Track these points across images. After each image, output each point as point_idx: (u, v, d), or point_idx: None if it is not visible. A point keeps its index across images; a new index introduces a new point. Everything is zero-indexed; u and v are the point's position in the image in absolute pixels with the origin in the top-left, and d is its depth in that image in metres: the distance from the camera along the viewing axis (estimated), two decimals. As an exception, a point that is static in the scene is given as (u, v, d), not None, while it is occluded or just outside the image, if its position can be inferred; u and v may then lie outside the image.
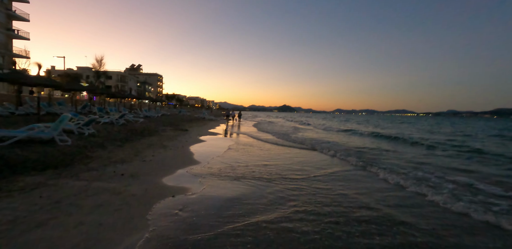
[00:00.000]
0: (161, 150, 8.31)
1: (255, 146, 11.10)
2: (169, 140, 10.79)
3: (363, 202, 4.44)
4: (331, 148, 10.60)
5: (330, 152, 9.84)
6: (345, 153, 9.45)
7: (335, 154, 9.41)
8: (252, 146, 10.88)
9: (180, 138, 11.82)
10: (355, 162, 8.00)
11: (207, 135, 14.28)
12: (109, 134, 9.88)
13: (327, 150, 10.26)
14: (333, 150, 10.14)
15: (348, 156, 8.96)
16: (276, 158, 8.41)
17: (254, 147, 10.61)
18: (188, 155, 7.99)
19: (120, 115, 13.88)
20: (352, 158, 8.49)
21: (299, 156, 9.07)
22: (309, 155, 9.34)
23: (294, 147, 11.25)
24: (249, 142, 12.27)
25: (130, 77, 78.71)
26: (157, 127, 15.37)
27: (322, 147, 10.94)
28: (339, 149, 10.74)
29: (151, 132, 12.44)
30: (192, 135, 13.28)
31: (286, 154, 9.33)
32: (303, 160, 8.26)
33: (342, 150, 10.31)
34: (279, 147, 11.06)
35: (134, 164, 6.18)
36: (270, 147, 11.04)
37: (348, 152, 9.86)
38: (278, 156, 8.75)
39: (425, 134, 22.11)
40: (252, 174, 6.05)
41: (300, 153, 9.70)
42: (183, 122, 22.15)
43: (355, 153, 10.00)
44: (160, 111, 33.03)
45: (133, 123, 15.93)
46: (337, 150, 10.24)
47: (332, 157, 9.13)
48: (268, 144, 12.04)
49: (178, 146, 9.48)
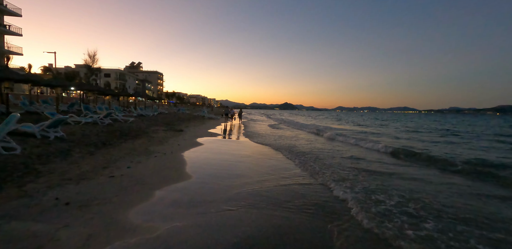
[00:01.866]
0: (143, 158, 6.54)
1: (265, 154, 9.32)
2: (157, 143, 9.03)
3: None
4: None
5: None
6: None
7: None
8: (263, 154, 9.10)
9: (172, 140, 10.05)
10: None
11: (205, 136, 12.51)
12: (83, 138, 8.14)
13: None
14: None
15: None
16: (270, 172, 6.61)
17: (264, 156, 8.83)
18: (177, 165, 6.22)
19: (105, 114, 12.14)
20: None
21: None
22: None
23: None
24: (254, 146, 10.49)
25: (129, 75, 77.05)
26: (149, 127, 13.62)
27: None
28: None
29: (139, 134, 10.69)
30: (187, 137, 11.51)
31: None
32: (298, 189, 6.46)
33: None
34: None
35: (94, 183, 4.42)
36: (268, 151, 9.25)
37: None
38: (273, 171, 6.95)
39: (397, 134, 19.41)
40: (266, 199, 4.27)
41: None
42: (180, 121, 20.39)
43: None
44: (157, 110, 31.32)
45: (123, 122, 14.21)
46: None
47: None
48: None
49: (167, 151, 7.70)
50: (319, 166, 6.76)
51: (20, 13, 36.49)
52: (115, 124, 12.78)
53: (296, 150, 9.32)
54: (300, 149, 9.70)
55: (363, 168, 6.75)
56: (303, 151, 9.12)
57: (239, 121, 25.13)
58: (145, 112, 22.45)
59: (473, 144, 13.56)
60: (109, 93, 20.78)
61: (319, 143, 12.09)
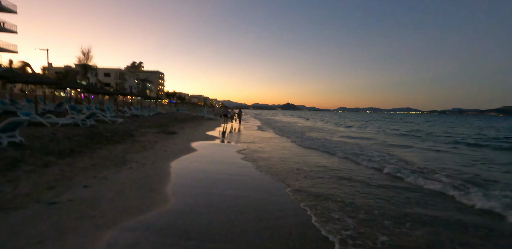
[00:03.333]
0: (113, 172, 5.13)
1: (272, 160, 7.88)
2: (140, 149, 7.61)
3: None
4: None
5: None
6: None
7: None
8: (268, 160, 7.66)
9: (160, 145, 8.63)
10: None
11: (200, 140, 11.08)
12: (50, 143, 6.74)
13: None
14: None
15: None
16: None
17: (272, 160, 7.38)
18: (154, 182, 4.79)
19: (88, 114, 10.76)
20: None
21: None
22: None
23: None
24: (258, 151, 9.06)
25: (130, 75, 75.88)
26: (138, 129, 12.24)
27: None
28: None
29: (123, 137, 9.29)
30: (179, 141, 10.09)
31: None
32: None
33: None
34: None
35: (21, 216, 3.01)
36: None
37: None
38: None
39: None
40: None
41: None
42: (176, 122, 19.00)
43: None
44: (155, 109, 29.99)
45: (110, 124, 12.84)
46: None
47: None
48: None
49: (148, 161, 6.29)
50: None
51: (15, 9, 35.35)
52: (100, 126, 11.41)
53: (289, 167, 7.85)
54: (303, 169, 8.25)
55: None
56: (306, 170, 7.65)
57: (239, 123, 22.01)
58: (140, 112, 21.09)
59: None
60: (100, 91, 19.48)
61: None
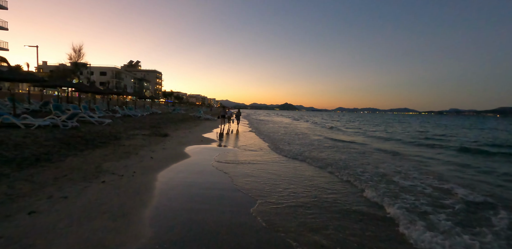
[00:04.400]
0: (78, 188, 4.09)
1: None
2: (122, 156, 6.55)
3: None
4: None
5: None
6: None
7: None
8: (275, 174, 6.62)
9: (146, 151, 7.57)
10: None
11: (194, 143, 10.02)
12: (13, 150, 5.68)
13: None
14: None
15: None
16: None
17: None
18: (128, 204, 3.75)
19: (69, 115, 9.70)
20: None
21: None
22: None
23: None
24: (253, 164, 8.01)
25: (126, 74, 74.50)
26: (127, 130, 11.17)
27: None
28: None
29: (107, 140, 8.23)
30: (170, 145, 9.04)
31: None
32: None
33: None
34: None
35: None
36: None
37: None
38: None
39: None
40: None
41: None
42: (171, 123, 17.93)
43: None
44: (150, 109, 28.91)
45: (97, 125, 11.79)
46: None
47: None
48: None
49: (128, 171, 5.25)
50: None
51: (6, 5, 34.12)
52: (84, 128, 10.36)
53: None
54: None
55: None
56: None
57: (237, 124, 20.01)
58: (132, 112, 20.02)
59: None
60: (89, 90, 18.37)
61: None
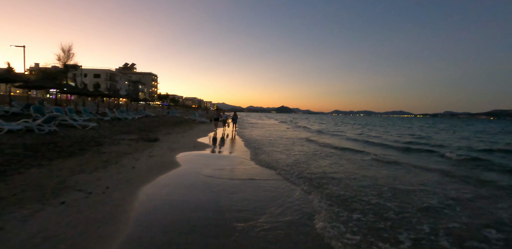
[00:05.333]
0: (26, 213, 3.08)
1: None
2: (98, 166, 5.53)
3: None
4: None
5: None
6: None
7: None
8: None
9: (129, 159, 6.56)
10: None
11: (187, 150, 9.00)
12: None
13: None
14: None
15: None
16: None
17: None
18: (86, 239, 2.78)
19: (44, 118, 8.66)
20: None
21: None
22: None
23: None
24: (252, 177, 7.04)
25: (121, 76, 73.17)
26: (113, 135, 10.15)
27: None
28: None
29: (85, 147, 7.21)
30: (158, 151, 8.01)
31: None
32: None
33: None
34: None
35: None
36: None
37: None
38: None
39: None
40: None
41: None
42: (164, 126, 16.91)
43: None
44: (143, 112, 27.82)
45: (80, 129, 10.76)
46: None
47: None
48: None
49: (100, 186, 4.25)
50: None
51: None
52: (64, 132, 9.33)
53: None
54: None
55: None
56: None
57: (234, 128, 18.49)
58: (123, 115, 18.95)
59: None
60: (76, 92, 17.30)
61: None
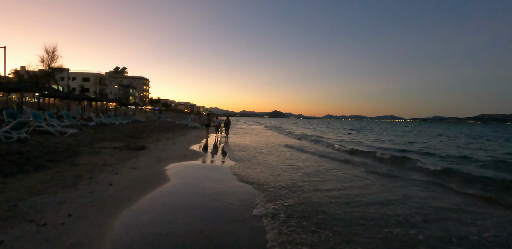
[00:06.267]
0: None
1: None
2: (66, 184, 4.50)
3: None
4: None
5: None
6: None
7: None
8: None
9: (107, 172, 5.53)
10: None
11: (177, 160, 7.96)
12: None
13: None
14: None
15: None
16: None
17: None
18: None
19: (13, 124, 7.55)
20: None
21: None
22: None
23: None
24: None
25: (111, 80, 71.38)
26: (95, 143, 9.07)
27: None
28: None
29: (58, 158, 6.15)
30: (143, 162, 6.99)
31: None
32: None
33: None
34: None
35: None
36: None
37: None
38: None
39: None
40: None
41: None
42: (154, 132, 15.83)
43: None
44: (132, 117, 26.58)
45: (56, 136, 9.63)
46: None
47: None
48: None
49: (59, 214, 3.25)
50: None
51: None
52: (37, 140, 8.21)
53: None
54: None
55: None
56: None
57: (226, 134, 16.95)
58: (110, 120, 17.77)
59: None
60: (59, 96, 16.10)
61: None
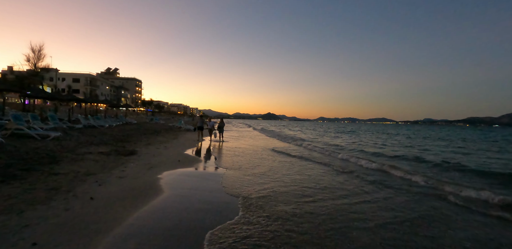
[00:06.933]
0: None
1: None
2: (36, 199, 3.76)
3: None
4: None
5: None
6: None
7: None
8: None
9: (89, 183, 4.83)
10: None
11: (170, 166, 7.28)
12: None
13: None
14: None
15: None
16: None
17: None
18: None
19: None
20: None
21: None
22: None
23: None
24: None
25: (102, 81, 69.77)
26: (77, 147, 8.29)
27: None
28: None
29: (33, 166, 5.41)
30: (132, 169, 6.29)
31: None
32: None
33: None
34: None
35: None
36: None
37: None
38: None
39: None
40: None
41: None
42: (145, 135, 15.05)
43: None
44: (124, 119, 25.63)
45: (37, 140, 8.81)
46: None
47: None
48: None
49: (21, 244, 2.62)
50: None
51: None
52: (14, 144, 7.41)
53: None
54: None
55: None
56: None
57: (220, 137, 15.42)
58: (98, 123, 16.88)
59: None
60: (41, 96, 15.19)
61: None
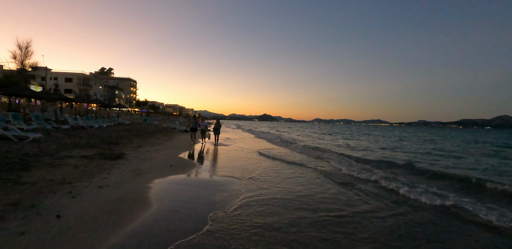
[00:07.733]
0: None
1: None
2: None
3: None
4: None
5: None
6: None
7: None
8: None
9: (60, 195, 4.13)
10: None
11: (160, 172, 6.60)
12: None
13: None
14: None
15: None
16: None
17: None
18: None
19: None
20: None
21: None
22: None
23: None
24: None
25: (96, 81, 68.45)
26: (58, 150, 7.55)
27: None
28: None
29: (2, 173, 4.72)
30: (117, 176, 5.60)
31: None
32: None
33: None
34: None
35: None
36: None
37: None
38: None
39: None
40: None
41: None
42: (137, 136, 14.30)
43: None
44: (116, 119, 24.79)
45: (14, 142, 8.07)
46: None
47: None
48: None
49: None
50: None
51: None
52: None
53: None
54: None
55: None
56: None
57: (216, 139, 14.40)
58: (88, 123, 16.08)
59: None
60: (24, 94, 14.36)
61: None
